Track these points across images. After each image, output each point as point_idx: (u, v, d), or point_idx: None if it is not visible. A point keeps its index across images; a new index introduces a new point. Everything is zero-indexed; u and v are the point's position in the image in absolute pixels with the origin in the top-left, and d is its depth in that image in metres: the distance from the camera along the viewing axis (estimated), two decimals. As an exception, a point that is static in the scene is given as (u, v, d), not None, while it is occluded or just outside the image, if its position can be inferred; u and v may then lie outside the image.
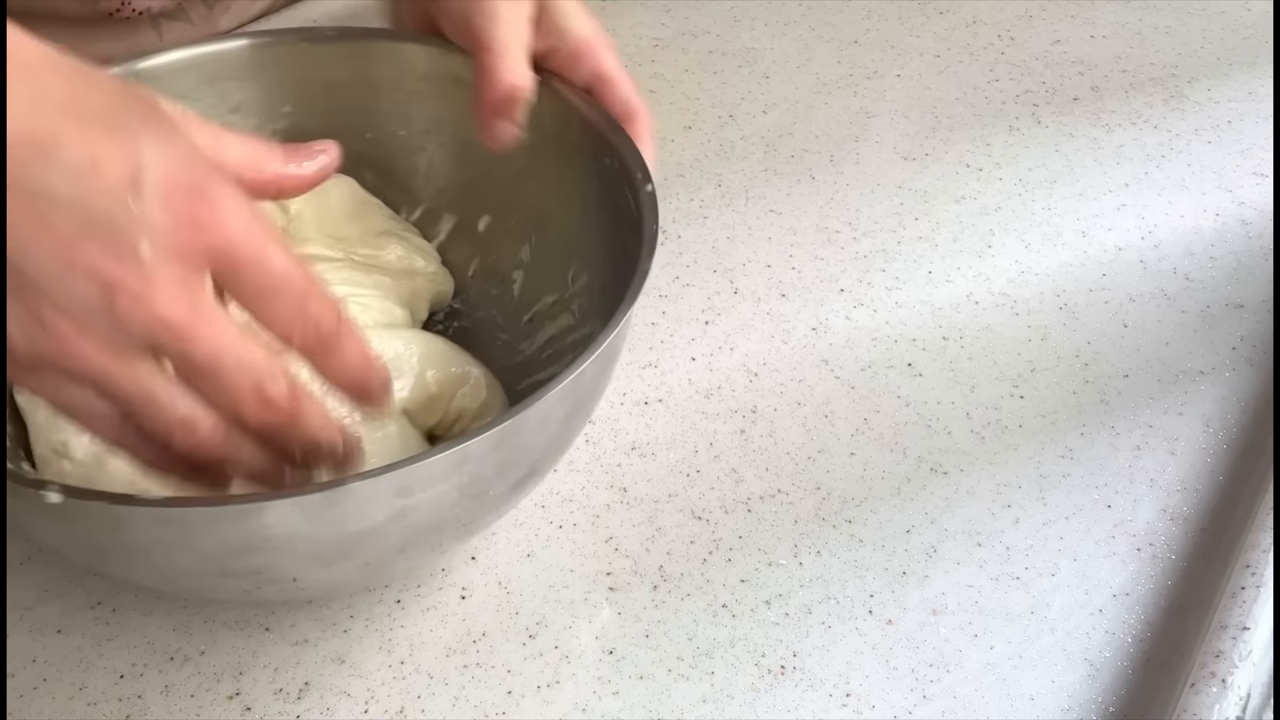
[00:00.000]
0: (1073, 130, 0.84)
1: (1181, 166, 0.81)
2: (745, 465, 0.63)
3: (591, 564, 0.58)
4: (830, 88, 0.87)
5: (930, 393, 0.66)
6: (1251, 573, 0.55)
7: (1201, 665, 0.52)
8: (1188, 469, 0.63)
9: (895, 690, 0.54)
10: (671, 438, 0.64)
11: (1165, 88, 0.88)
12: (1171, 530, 0.60)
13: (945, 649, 0.55)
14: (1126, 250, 0.75)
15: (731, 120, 0.84)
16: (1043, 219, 0.77)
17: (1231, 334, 0.70)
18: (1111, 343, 0.69)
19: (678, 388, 0.66)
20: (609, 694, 0.53)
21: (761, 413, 0.65)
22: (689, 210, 0.77)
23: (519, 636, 0.55)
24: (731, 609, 0.56)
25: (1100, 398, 0.66)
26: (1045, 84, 0.88)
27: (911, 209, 0.78)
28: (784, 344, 0.69)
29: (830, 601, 0.57)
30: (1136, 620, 0.56)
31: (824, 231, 0.76)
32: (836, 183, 0.79)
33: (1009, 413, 0.65)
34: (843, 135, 0.83)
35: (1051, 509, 0.61)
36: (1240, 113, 0.85)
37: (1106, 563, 0.58)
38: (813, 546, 0.59)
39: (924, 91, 0.87)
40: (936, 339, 0.69)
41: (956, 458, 0.63)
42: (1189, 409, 0.66)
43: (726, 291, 0.72)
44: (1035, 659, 0.55)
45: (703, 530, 0.60)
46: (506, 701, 0.53)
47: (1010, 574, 0.58)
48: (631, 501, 0.61)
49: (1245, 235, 0.76)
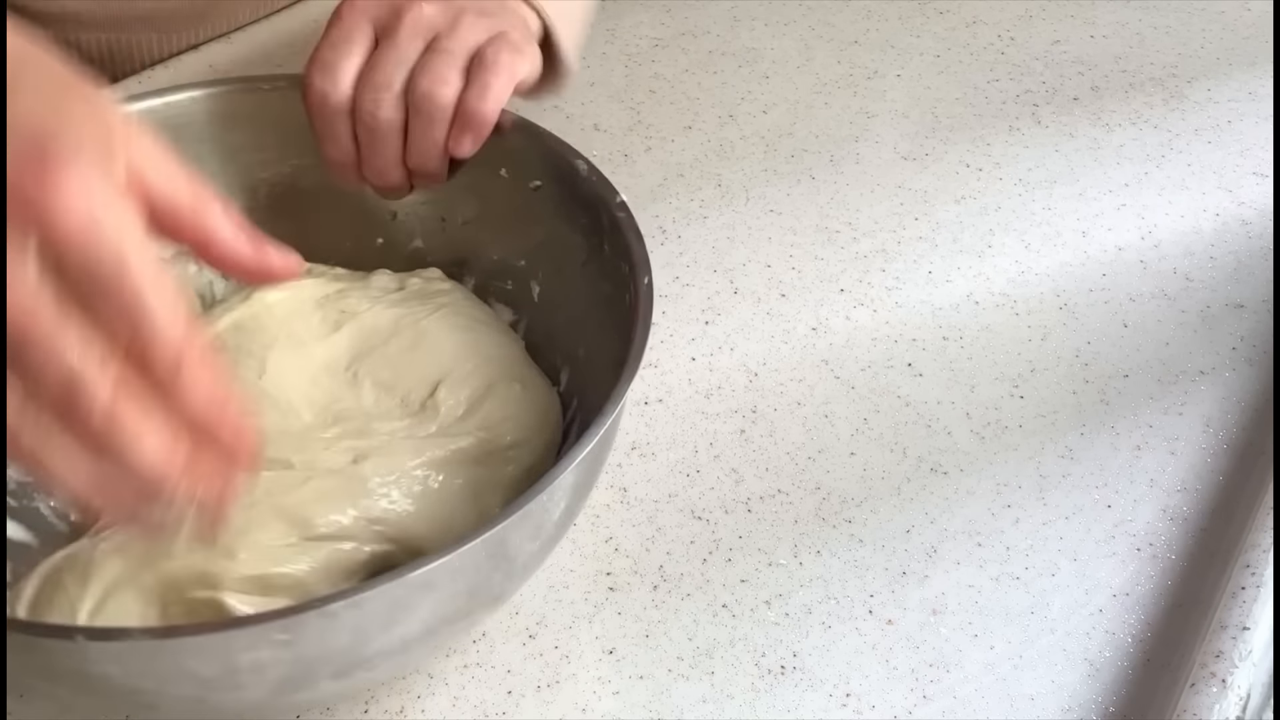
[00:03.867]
0: (1073, 130, 0.84)
1: (1181, 166, 0.81)
2: (745, 465, 0.63)
3: (591, 564, 0.58)
4: (830, 88, 0.87)
5: (930, 393, 0.66)
6: (1251, 572, 0.55)
7: (1201, 665, 0.52)
8: (1188, 469, 0.63)
9: (895, 690, 0.54)
10: (671, 438, 0.64)
11: (1165, 88, 0.88)
12: (1171, 530, 0.60)
13: (945, 649, 0.55)
14: (1126, 250, 0.75)
15: (731, 120, 0.84)
16: (1043, 219, 0.77)
17: (1231, 334, 0.70)
18: (1111, 343, 0.69)
19: (678, 388, 0.66)
20: (609, 694, 0.53)
21: (761, 413, 0.65)
22: (689, 210, 0.77)
23: (519, 636, 0.55)
24: (731, 609, 0.56)
25: (1100, 398, 0.66)
26: (1045, 84, 0.88)
27: (911, 209, 0.78)
28: (784, 344, 0.69)
29: (830, 601, 0.57)
30: (1136, 620, 0.56)
31: (824, 231, 0.76)
32: (836, 183, 0.79)
33: (1009, 413, 0.65)
34: (843, 135, 0.83)
35: (1051, 509, 0.61)
36: (1240, 113, 0.85)
37: (1106, 563, 0.58)
38: (813, 546, 0.59)
39: (924, 91, 0.87)
40: (936, 339, 0.69)
41: (956, 458, 0.63)
42: (1189, 409, 0.65)
43: (726, 291, 0.72)
44: (1035, 659, 0.55)
45: (703, 530, 0.60)
46: (506, 701, 0.53)
47: (1010, 574, 0.58)
48: (631, 501, 0.61)
49: (1245, 235, 0.76)
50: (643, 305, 0.52)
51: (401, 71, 0.57)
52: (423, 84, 0.57)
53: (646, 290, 0.53)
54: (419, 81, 0.57)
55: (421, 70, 0.57)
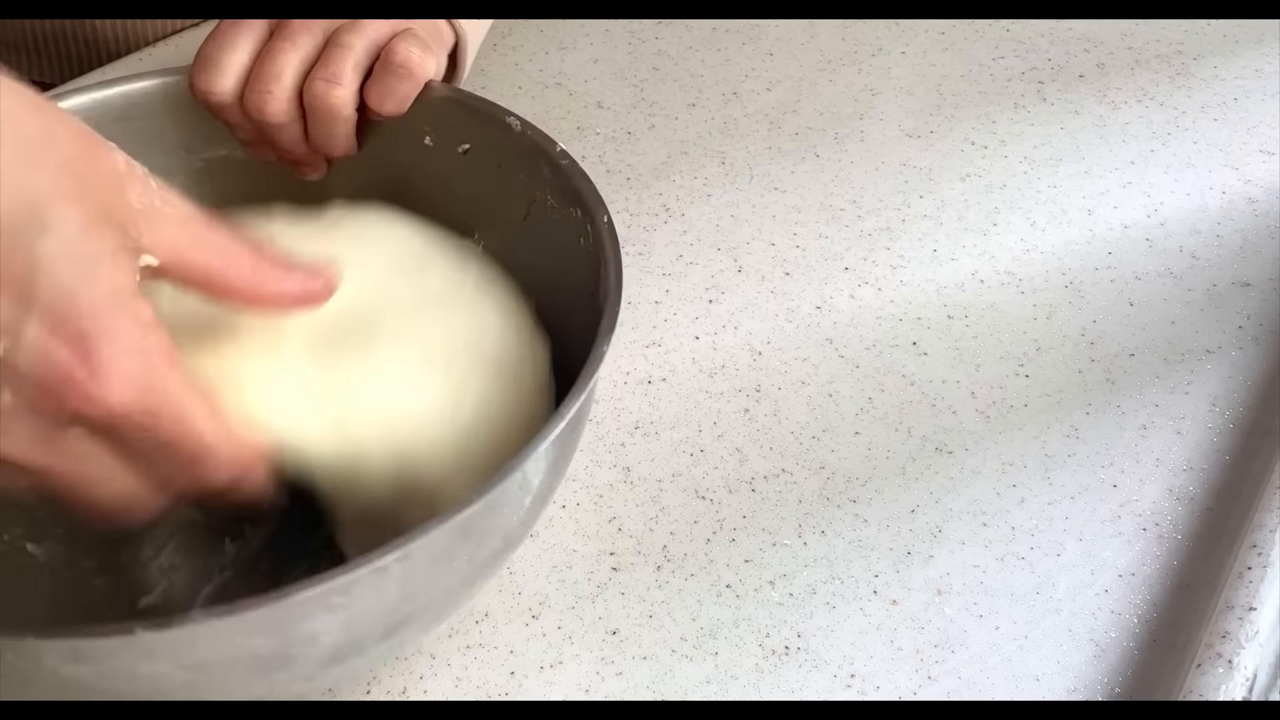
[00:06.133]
0: (1078, 108, 0.83)
1: (1188, 144, 0.81)
2: (749, 445, 0.62)
3: (594, 544, 0.58)
4: (834, 65, 0.87)
5: (935, 372, 0.66)
6: (1258, 553, 0.55)
7: (1208, 646, 0.52)
8: (1194, 448, 0.62)
9: (900, 671, 0.53)
10: (675, 417, 0.64)
11: (1171, 65, 0.87)
12: (1178, 510, 0.59)
13: (950, 629, 0.55)
14: (1132, 228, 0.75)
15: (735, 98, 0.84)
16: (1048, 197, 0.77)
17: (1238, 312, 0.69)
18: (1117, 321, 0.69)
19: (681, 367, 0.66)
20: (612, 674, 0.53)
21: (766, 392, 0.65)
22: (693, 188, 0.77)
23: (522, 617, 0.55)
24: (735, 589, 0.56)
25: (1106, 376, 0.66)
26: (1051, 61, 0.87)
27: (916, 187, 0.77)
28: (788, 323, 0.68)
29: (834, 582, 0.57)
30: (1142, 601, 0.56)
31: (828, 210, 0.75)
32: (841, 160, 0.79)
33: (1014, 392, 0.65)
34: (847, 113, 0.83)
35: (1057, 488, 0.60)
36: (1247, 90, 0.85)
37: (1112, 543, 0.58)
38: (817, 526, 0.59)
39: (929, 69, 0.87)
40: (941, 317, 0.69)
41: (961, 437, 0.63)
42: (1195, 388, 0.65)
43: (730, 270, 0.72)
44: (1040, 639, 0.54)
45: (706, 510, 0.59)
46: (509, 682, 0.53)
47: (1015, 554, 0.58)
48: (635, 481, 0.61)
49: (1252, 213, 0.76)
50: (607, 244, 0.50)
51: (293, 63, 0.56)
52: (316, 85, 0.55)
53: (609, 228, 0.51)
54: (313, 81, 0.55)
55: (318, 66, 0.56)
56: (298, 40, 0.56)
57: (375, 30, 0.57)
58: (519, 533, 0.49)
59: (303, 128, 0.57)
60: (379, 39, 0.57)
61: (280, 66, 0.56)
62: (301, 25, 0.56)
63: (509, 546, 0.49)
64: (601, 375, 0.49)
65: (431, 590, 0.45)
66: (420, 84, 0.58)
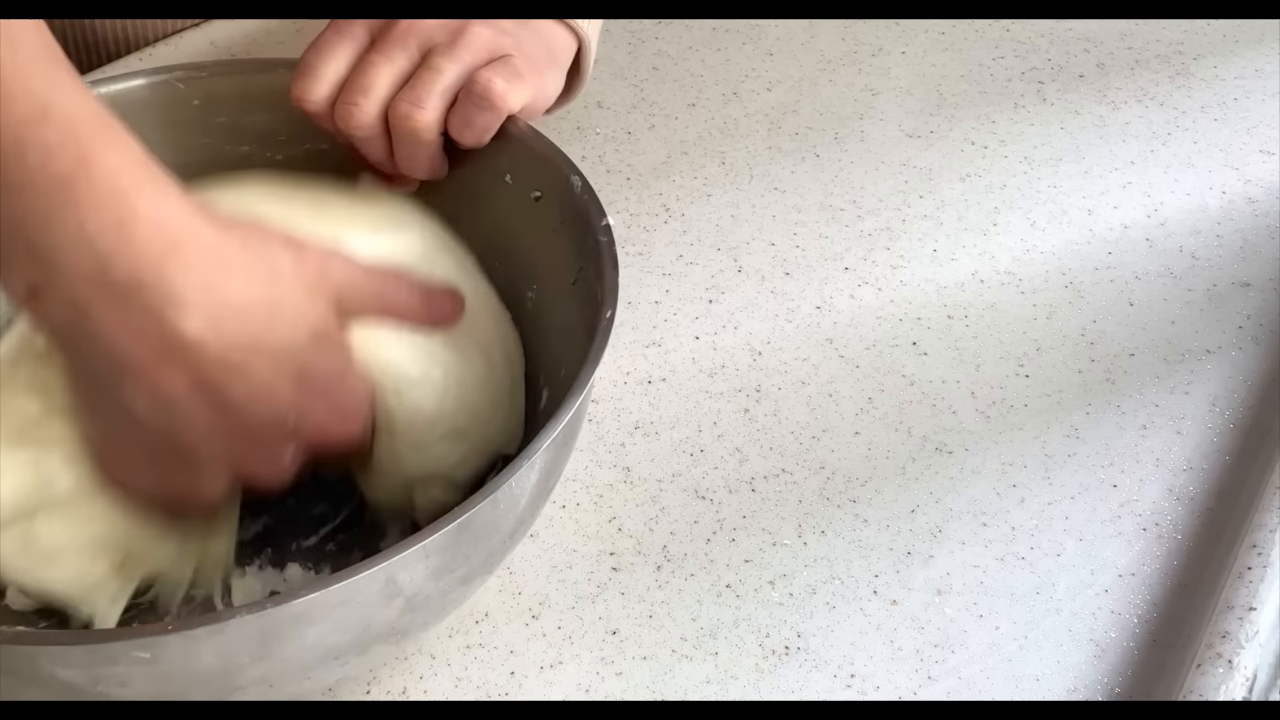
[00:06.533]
0: (1078, 108, 0.83)
1: (1188, 144, 0.81)
2: (749, 445, 0.62)
3: (594, 544, 0.58)
4: (834, 65, 0.87)
5: (935, 372, 0.66)
6: (1258, 553, 0.55)
7: (1208, 646, 0.52)
8: (1194, 448, 0.62)
9: (900, 671, 0.53)
10: (675, 417, 0.64)
11: (1171, 65, 0.87)
12: (1178, 510, 0.59)
13: (950, 629, 0.55)
14: (1132, 228, 0.74)
15: (735, 98, 0.84)
16: (1048, 197, 0.77)
17: (1238, 312, 0.69)
18: (1117, 321, 0.69)
19: (681, 366, 0.66)
20: (612, 674, 0.53)
21: (766, 392, 0.65)
22: (692, 188, 0.77)
23: (522, 617, 0.55)
24: (735, 589, 0.56)
25: (1106, 377, 0.66)
26: (1051, 61, 0.87)
27: (916, 187, 0.77)
28: (788, 323, 0.68)
29: (834, 582, 0.56)
30: (1142, 601, 0.56)
31: (828, 210, 0.75)
32: (841, 160, 0.79)
33: (1014, 392, 0.65)
34: (847, 113, 0.83)
35: (1057, 489, 0.60)
36: (1246, 90, 0.85)
37: (1112, 543, 0.58)
38: (817, 526, 0.59)
39: (929, 69, 0.87)
40: (941, 318, 0.69)
41: (961, 437, 0.63)
42: (1195, 388, 0.65)
43: (730, 270, 0.72)
44: (1040, 639, 0.54)
45: (706, 510, 0.59)
46: (509, 682, 0.53)
47: (1015, 554, 0.58)
48: (635, 481, 0.61)
49: (1252, 213, 0.75)
50: (598, 339, 0.49)
51: (384, 77, 0.55)
52: (400, 106, 0.55)
53: (606, 324, 0.49)
54: (398, 102, 0.55)
55: (406, 88, 0.55)
56: (392, 55, 0.55)
57: (471, 55, 0.56)
58: (518, 532, 0.49)
59: (388, 144, 0.57)
60: (473, 64, 0.56)
61: (370, 80, 0.55)
62: (399, 39, 0.56)
63: (507, 545, 0.49)
64: (601, 375, 0.49)
65: (430, 590, 0.45)
66: (501, 116, 0.56)
